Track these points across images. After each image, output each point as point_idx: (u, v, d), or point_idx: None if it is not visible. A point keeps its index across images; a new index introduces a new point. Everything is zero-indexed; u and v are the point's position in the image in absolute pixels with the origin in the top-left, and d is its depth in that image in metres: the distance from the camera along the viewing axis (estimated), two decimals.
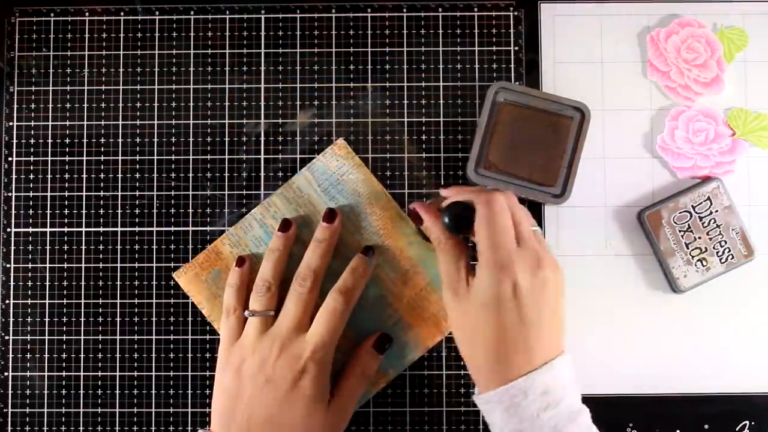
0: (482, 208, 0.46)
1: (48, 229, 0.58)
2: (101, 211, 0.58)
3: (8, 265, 0.57)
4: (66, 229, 0.58)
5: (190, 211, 0.58)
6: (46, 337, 0.57)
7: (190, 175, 0.58)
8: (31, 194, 0.58)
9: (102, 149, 0.58)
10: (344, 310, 0.51)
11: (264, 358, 0.50)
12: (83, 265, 0.57)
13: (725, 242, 0.55)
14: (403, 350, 0.55)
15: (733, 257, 0.55)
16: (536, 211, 0.57)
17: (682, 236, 0.55)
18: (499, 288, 0.45)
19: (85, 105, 0.58)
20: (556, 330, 0.47)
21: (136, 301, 0.57)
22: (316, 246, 0.53)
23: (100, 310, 0.57)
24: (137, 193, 0.58)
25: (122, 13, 0.59)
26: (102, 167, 0.58)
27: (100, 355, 0.57)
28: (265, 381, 0.49)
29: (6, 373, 0.57)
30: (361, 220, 0.56)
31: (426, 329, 0.55)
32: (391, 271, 0.56)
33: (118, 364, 0.57)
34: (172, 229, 0.57)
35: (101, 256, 0.57)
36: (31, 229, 0.58)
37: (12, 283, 0.57)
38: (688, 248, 0.55)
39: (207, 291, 0.56)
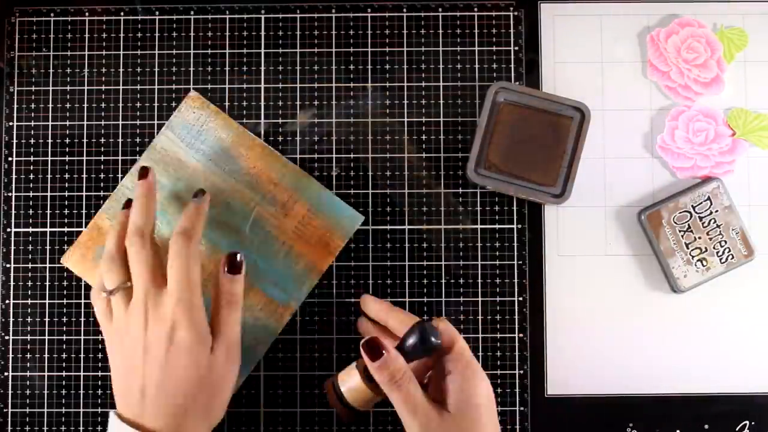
0: (447, 330, 0.49)
1: (48, 229, 0.58)
2: None
3: (8, 265, 0.57)
4: (66, 229, 0.58)
5: None
6: (46, 337, 0.57)
7: None
8: (31, 194, 0.58)
9: (102, 149, 0.58)
10: (188, 250, 0.49)
11: (136, 331, 0.48)
12: None
13: (725, 242, 0.55)
14: (301, 279, 0.56)
15: (733, 257, 0.55)
16: (536, 210, 0.57)
17: (682, 236, 0.55)
18: (488, 386, 0.48)
19: (85, 105, 0.58)
20: None
21: None
22: (135, 204, 0.52)
23: None
24: None
25: (122, 13, 0.59)
26: (102, 167, 0.58)
27: (100, 355, 0.57)
28: (144, 351, 0.48)
29: (6, 373, 0.57)
30: (230, 164, 0.56)
31: (317, 253, 0.56)
32: (269, 205, 0.56)
33: None
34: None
35: None
36: (31, 229, 0.58)
37: (12, 283, 0.57)
38: (688, 248, 0.55)
39: (96, 269, 0.56)
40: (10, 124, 0.58)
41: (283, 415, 0.56)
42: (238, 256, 0.51)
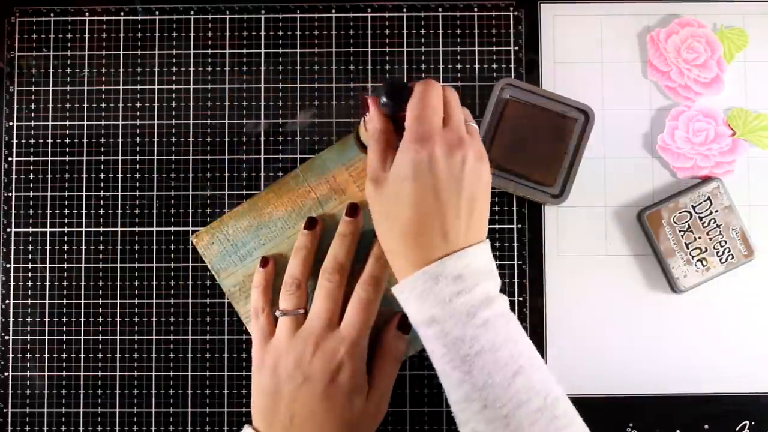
0: (417, 87, 0.47)
1: (48, 229, 0.58)
2: (101, 211, 0.58)
3: (8, 265, 0.57)
4: (66, 229, 0.58)
5: (190, 211, 0.58)
6: (46, 337, 0.57)
7: (190, 175, 0.58)
8: (31, 194, 0.58)
9: (102, 149, 0.58)
10: (374, 300, 0.51)
11: (299, 357, 0.50)
12: (83, 265, 0.57)
13: (725, 242, 0.55)
14: None
15: (733, 257, 0.55)
16: (536, 210, 0.57)
17: (682, 236, 0.55)
18: (416, 158, 0.44)
19: (85, 105, 0.58)
20: (477, 217, 0.46)
21: (136, 301, 0.57)
22: (341, 240, 0.53)
23: (100, 310, 0.57)
24: (137, 193, 0.58)
25: (122, 13, 0.59)
26: (102, 167, 0.58)
27: (100, 355, 0.57)
28: (303, 379, 0.49)
29: (6, 373, 0.57)
30: None
31: None
32: None
33: (118, 364, 0.57)
34: (172, 229, 0.57)
35: (101, 256, 0.57)
36: (31, 229, 0.58)
37: (12, 283, 0.57)
38: (688, 248, 0.55)
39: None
40: (10, 124, 0.58)
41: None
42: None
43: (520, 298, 0.57)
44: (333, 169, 0.56)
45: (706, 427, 0.56)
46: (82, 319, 0.57)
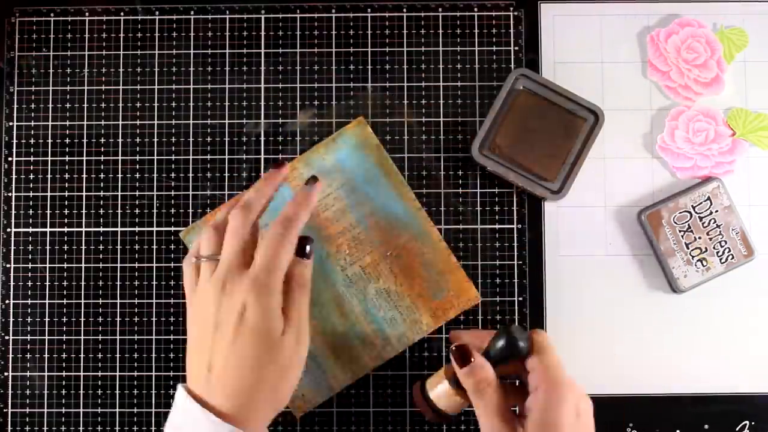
0: (539, 338, 0.47)
1: (48, 229, 0.58)
2: (101, 211, 0.58)
3: (8, 265, 0.57)
4: (66, 229, 0.58)
5: (190, 211, 0.58)
6: (46, 337, 0.57)
7: (190, 175, 0.58)
8: (31, 194, 0.58)
9: (102, 149, 0.58)
10: (281, 236, 0.48)
11: (210, 305, 0.48)
12: (83, 265, 0.57)
13: (725, 242, 0.55)
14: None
15: (733, 257, 0.55)
16: (536, 210, 0.57)
17: (682, 236, 0.55)
18: (563, 409, 0.44)
19: (85, 105, 0.58)
20: None
21: (136, 301, 0.57)
22: (255, 184, 0.51)
23: (100, 310, 0.57)
24: (137, 193, 0.58)
25: (122, 13, 0.59)
26: (102, 167, 0.58)
27: (100, 355, 0.57)
28: (215, 327, 0.47)
29: (6, 373, 0.57)
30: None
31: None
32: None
33: (118, 364, 0.57)
34: (172, 229, 0.57)
35: (101, 256, 0.57)
36: (31, 229, 0.58)
37: (12, 283, 0.57)
38: (688, 248, 0.55)
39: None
40: (10, 124, 0.58)
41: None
42: (309, 242, 0.50)
43: (520, 298, 0.57)
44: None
45: (706, 427, 0.56)
46: (82, 319, 0.57)
